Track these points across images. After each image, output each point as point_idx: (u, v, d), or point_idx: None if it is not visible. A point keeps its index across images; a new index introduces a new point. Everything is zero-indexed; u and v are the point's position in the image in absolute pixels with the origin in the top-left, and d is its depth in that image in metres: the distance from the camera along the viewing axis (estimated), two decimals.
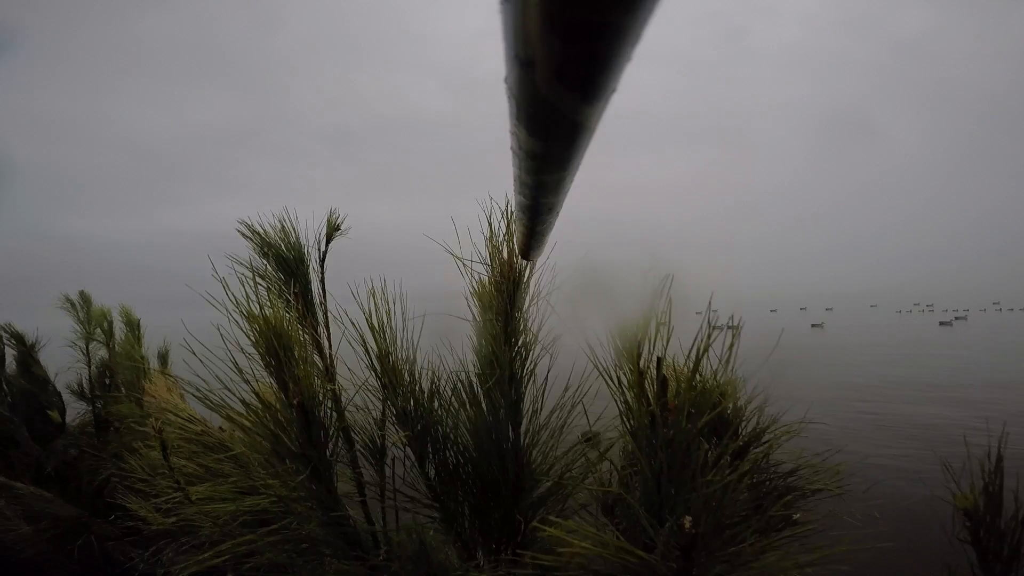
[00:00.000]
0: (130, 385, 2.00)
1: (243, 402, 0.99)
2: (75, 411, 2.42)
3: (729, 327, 0.79)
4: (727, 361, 0.71)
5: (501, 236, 0.92)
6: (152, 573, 1.33)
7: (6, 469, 1.94)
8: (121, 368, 2.01)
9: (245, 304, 0.87)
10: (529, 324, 0.92)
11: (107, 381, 2.29)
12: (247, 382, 0.89)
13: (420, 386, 0.92)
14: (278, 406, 0.84)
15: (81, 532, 1.48)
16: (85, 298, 2.15)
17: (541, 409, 0.96)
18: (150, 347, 2.28)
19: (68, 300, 2.14)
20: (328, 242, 1.27)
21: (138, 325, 2.09)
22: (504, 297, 0.89)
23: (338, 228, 1.28)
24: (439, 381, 0.95)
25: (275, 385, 0.85)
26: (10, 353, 2.08)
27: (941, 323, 59.35)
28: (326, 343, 1.25)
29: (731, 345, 0.71)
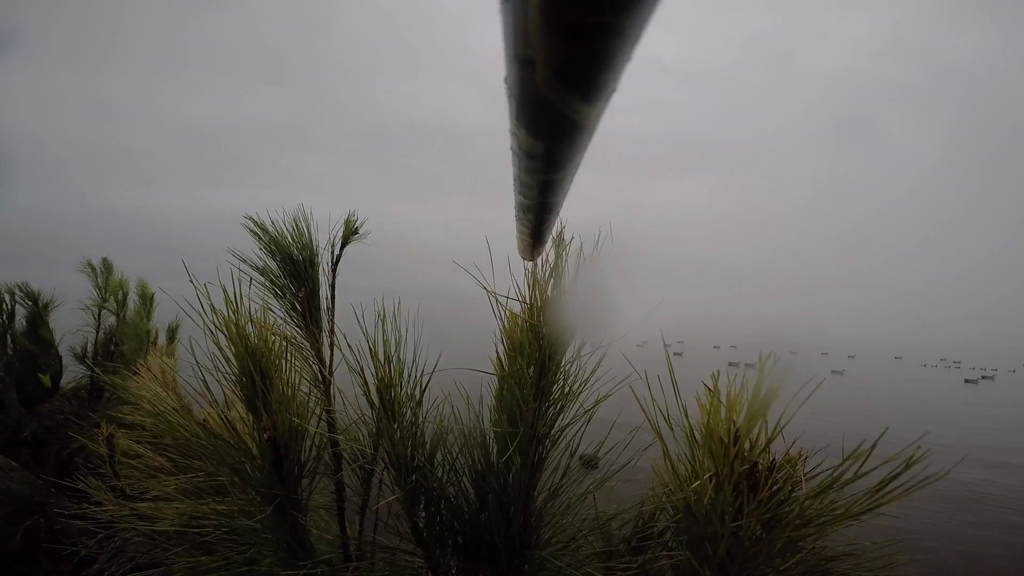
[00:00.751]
0: (133, 356, 1.92)
1: (212, 418, 0.87)
2: (73, 374, 2.37)
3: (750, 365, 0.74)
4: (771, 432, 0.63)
5: (547, 269, 0.77)
6: (90, 564, 1.20)
7: None
8: (127, 338, 1.97)
9: (225, 313, 0.74)
10: (569, 379, 0.77)
11: (112, 348, 2.23)
12: (214, 402, 0.76)
13: (421, 431, 0.77)
14: (248, 431, 0.71)
15: (34, 511, 1.35)
16: (107, 264, 2.13)
17: (563, 475, 0.80)
18: (161, 320, 2.22)
19: (89, 265, 2.12)
20: (344, 245, 1.17)
21: (152, 299, 2.06)
22: (541, 344, 0.73)
23: (356, 232, 1.18)
24: (445, 432, 0.79)
25: (245, 411, 0.71)
26: (21, 312, 2.02)
27: (967, 381, 57.12)
28: (327, 353, 1.13)
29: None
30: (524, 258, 0.81)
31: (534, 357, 0.75)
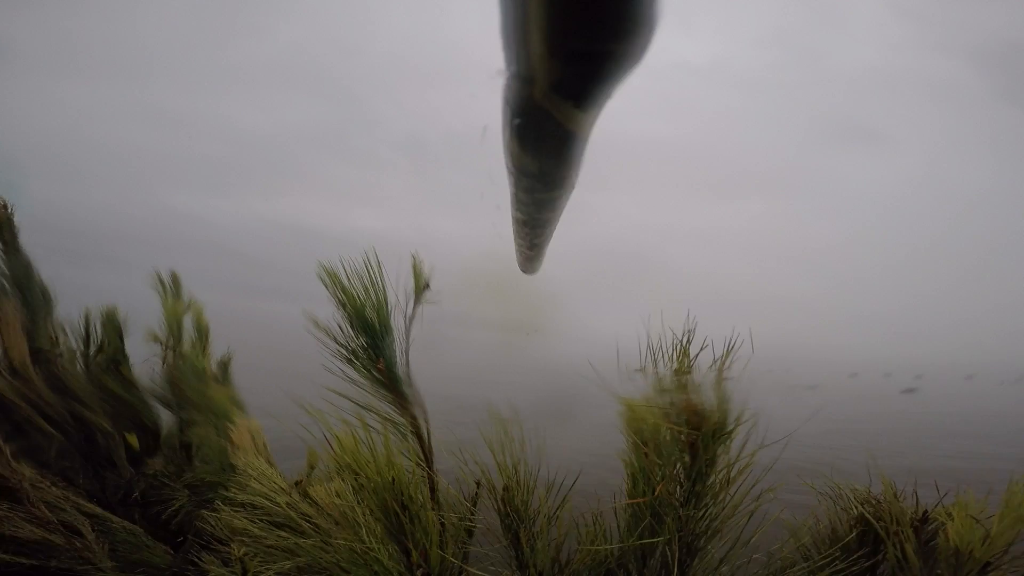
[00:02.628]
0: (195, 401, 1.93)
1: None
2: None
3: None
4: None
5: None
6: None
7: (99, 492, 1.92)
8: (185, 378, 1.90)
9: (352, 444, 0.68)
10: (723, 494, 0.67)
11: (176, 384, 2.21)
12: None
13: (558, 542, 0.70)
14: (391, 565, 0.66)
15: None
16: (175, 280, 1.92)
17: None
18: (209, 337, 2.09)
19: (160, 280, 1.91)
20: (416, 302, 1.06)
21: (207, 332, 1.93)
22: (697, 453, 0.64)
23: (427, 286, 1.08)
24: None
25: (391, 548, 0.66)
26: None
27: None
28: (424, 428, 1.06)
29: None
30: (523, 272, 0.80)
31: (682, 458, 0.66)
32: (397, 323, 1.15)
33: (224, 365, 2.00)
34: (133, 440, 2.17)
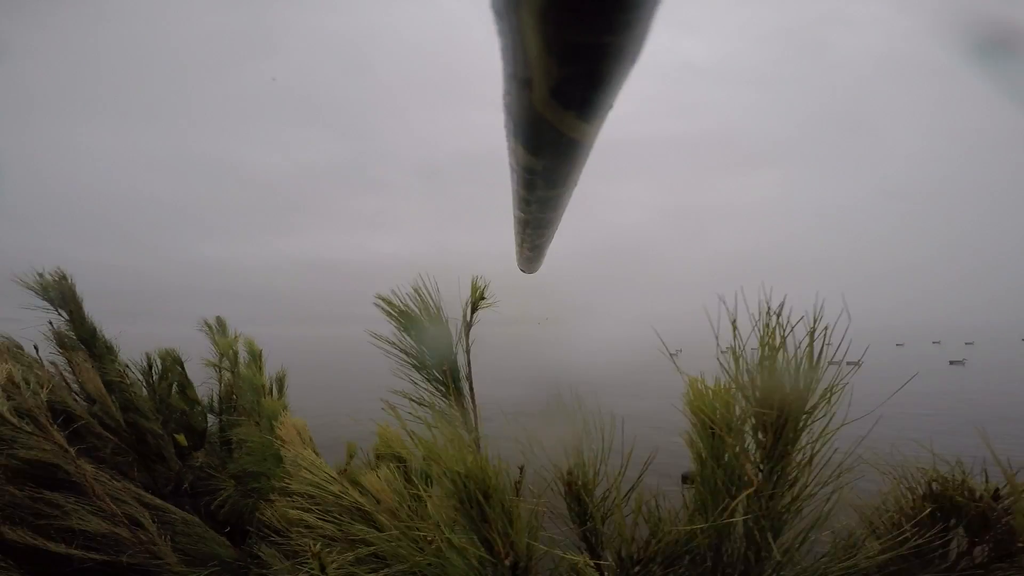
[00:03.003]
0: (249, 410, 2.06)
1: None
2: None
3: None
4: None
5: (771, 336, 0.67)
6: None
7: (152, 484, 2.04)
8: (242, 393, 2.16)
9: (428, 433, 0.71)
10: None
11: (234, 398, 2.39)
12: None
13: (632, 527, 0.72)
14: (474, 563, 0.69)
15: None
16: (221, 322, 2.36)
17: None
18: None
19: (207, 324, 2.35)
20: (473, 312, 1.11)
21: (260, 355, 2.24)
22: (781, 433, 0.65)
23: (483, 297, 1.12)
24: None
25: (476, 541, 0.69)
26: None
27: None
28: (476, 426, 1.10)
29: None
30: (523, 271, 0.82)
31: (758, 439, 0.67)
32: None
33: (280, 380, 2.23)
34: (181, 438, 2.32)
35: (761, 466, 0.68)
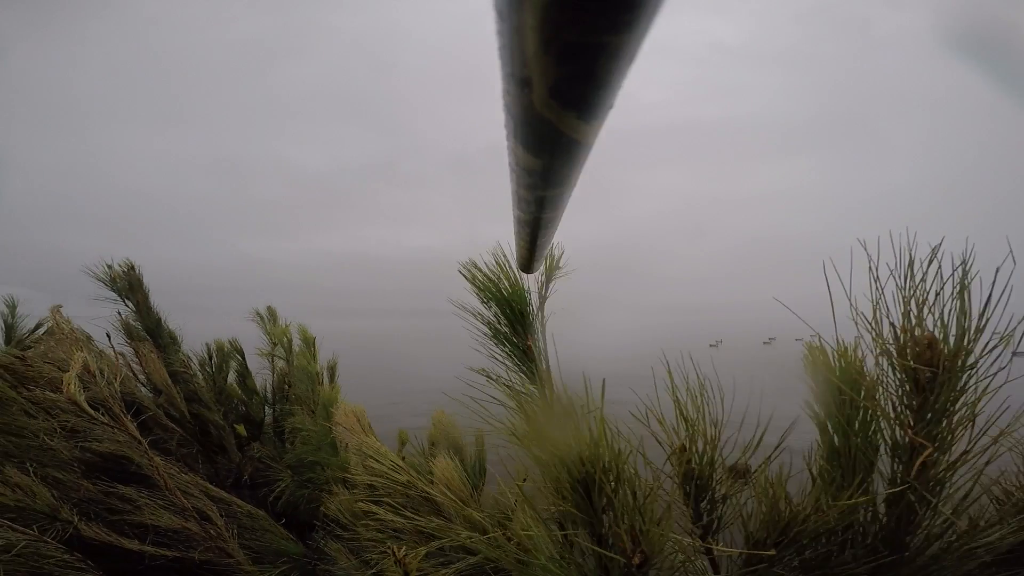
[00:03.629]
0: (302, 398, 2.05)
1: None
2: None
3: None
4: None
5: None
6: None
7: (214, 476, 2.05)
8: (297, 380, 2.16)
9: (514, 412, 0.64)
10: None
11: (286, 388, 2.40)
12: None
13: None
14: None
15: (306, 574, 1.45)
16: (271, 312, 2.38)
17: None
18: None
19: (258, 313, 2.37)
20: (548, 283, 1.04)
21: (313, 343, 2.25)
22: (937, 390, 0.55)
23: (558, 267, 1.05)
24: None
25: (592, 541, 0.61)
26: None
27: None
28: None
29: None
30: (523, 271, 0.79)
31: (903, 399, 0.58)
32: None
33: (331, 369, 2.23)
34: (241, 429, 2.37)
35: (912, 428, 0.60)
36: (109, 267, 1.88)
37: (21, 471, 1.30)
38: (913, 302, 0.61)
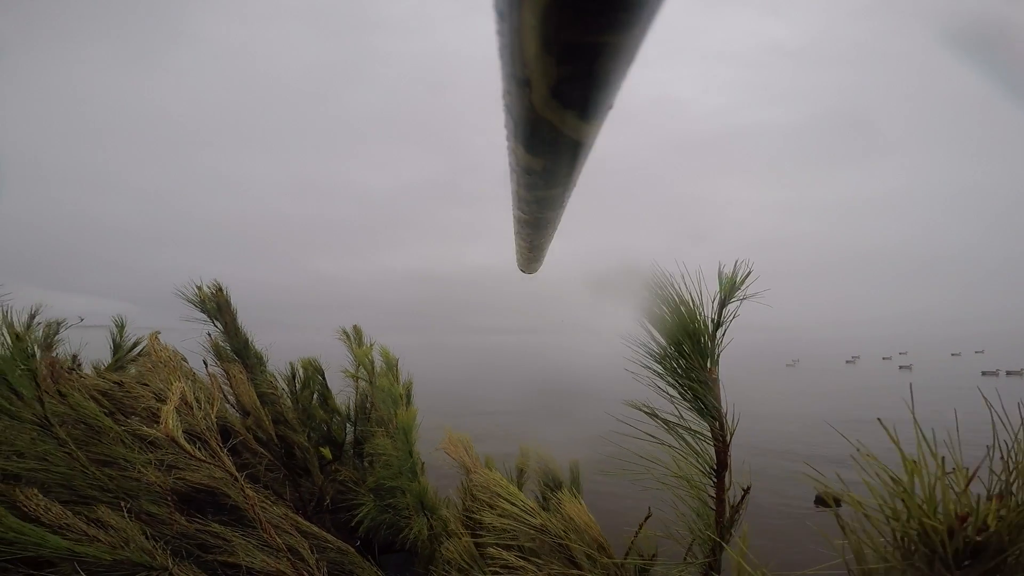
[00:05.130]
0: (383, 420, 1.95)
1: None
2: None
3: None
4: None
5: None
6: None
7: (298, 501, 1.95)
8: (379, 402, 2.06)
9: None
10: None
11: (368, 407, 2.35)
12: None
13: None
14: None
15: None
16: (357, 331, 2.33)
17: None
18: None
19: (344, 332, 2.33)
20: (722, 308, 0.88)
21: (396, 365, 2.17)
22: None
23: (738, 285, 0.85)
24: None
25: None
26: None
27: None
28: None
29: None
30: (523, 272, 0.79)
31: None
32: None
33: (407, 389, 2.14)
34: (327, 452, 2.31)
35: None
36: (199, 288, 1.84)
37: (114, 508, 1.22)
38: None
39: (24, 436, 1.18)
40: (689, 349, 0.83)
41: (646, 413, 0.88)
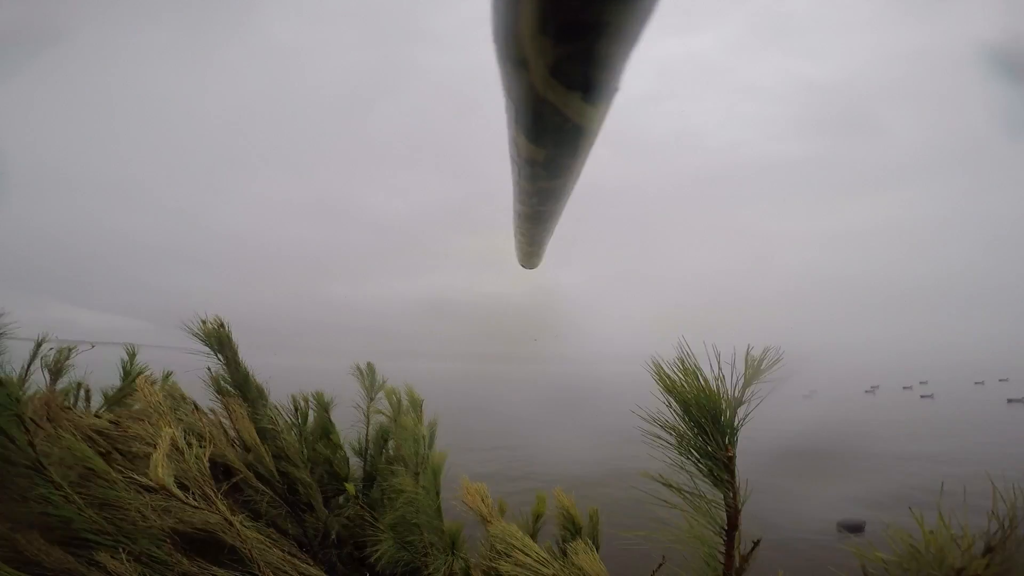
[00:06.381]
0: (405, 458, 1.90)
1: None
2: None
3: None
4: None
5: None
6: None
7: (302, 537, 1.92)
8: (402, 441, 2.04)
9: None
10: None
11: (385, 443, 2.34)
12: None
13: None
14: None
15: None
16: (370, 368, 2.37)
17: None
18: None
19: (358, 368, 2.36)
20: (745, 388, 0.85)
21: (421, 405, 2.17)
22: None
23: (762, 369, 0.82)
24: None
25: None
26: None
27: None
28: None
29: None
30: (523, 267, 0.76)
31: None
32: None
33: (432, 430, 2.10)
34: (351, 488, 2.28)
35: None
36: (204, 322, 1.86)
37: (113, 554, 1.20)
38: None
39: (21, 480, 1.17)
40: (710, 429, 0.81)
41: (662, 483, 0.88)
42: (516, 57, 0.21)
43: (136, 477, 1.05)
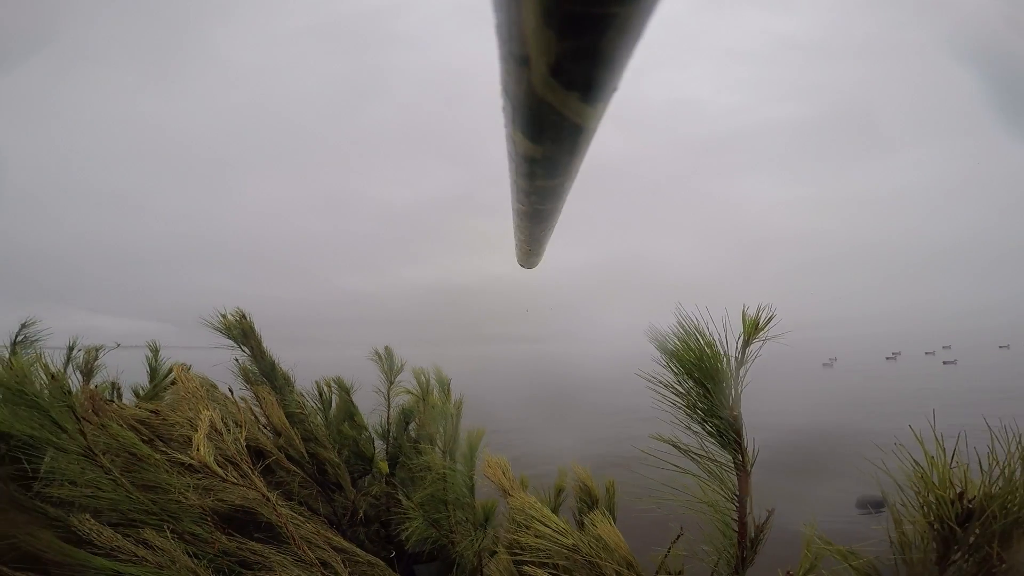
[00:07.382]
0: (430, 438, 1.96)
1: None
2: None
3: None
4: None
5: None
6: None
7: (332, 515, 2.00)
8: (430, 422, 2.13)
9: None
10: None
11: (407, 425, 2.42)
12: None
13: None
14: None
15: None
16: (388, 352, 2.42)
17: None
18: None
19: (377, 353, 2.41)
20: (745, 348, 0.87)
21: (448, 386, 2.20)
22: None
23: (759, 327, 0.84)
24: None
25: None
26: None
27: None
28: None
29: None
30: (522, 266, 0.78)
31: None
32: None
33: (457, 407, 2.15)
34: (384, 465, 2.37)
35: None
36: (223, 316, 1.91)
37: (158, 531, 1.29)
38: None
39: (73, 466, 1.26)
40: (713, 389, 0.84)
41: (672, 445, 0.91)
42: (518, 54, 0.21)
43: (180, 457, 1.12)
